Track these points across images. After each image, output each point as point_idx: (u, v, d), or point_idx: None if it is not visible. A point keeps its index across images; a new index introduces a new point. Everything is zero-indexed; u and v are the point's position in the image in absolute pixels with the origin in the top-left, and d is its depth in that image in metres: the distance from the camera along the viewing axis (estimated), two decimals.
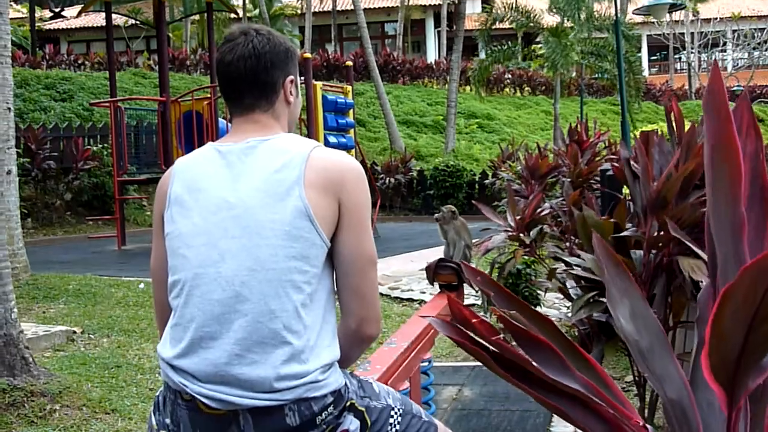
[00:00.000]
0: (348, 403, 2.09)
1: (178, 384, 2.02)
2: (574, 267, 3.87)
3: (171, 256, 2.11)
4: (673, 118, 4.14)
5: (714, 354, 1.16)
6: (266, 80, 2.18)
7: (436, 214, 5.22)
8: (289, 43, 2.27)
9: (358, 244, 2.10)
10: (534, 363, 1.34)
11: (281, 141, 2.13)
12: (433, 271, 4.08)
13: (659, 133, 4.25)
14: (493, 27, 24.26)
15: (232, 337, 1.98)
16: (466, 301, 4.92)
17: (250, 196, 2.04)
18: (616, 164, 4.54)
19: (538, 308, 7.38)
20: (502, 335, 1.37)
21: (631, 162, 3.99)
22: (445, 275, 4.09)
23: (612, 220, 3.83)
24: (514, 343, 1.40)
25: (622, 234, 3.73)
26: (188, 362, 2.01)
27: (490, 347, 1.39)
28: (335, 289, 2.16)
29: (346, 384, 2.11)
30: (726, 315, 1.14)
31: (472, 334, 1.44)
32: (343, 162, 2.13)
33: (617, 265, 1.48)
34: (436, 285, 4.21)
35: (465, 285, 4.15)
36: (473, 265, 4.48)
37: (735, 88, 35.20)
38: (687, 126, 3.93)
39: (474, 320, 1.41)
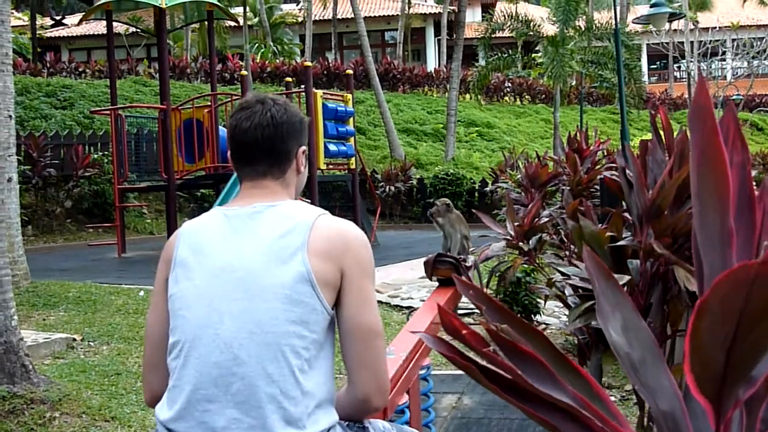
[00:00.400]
0: None
1: None
2: (572, 277, 3.88)
3: (172, 317, 2.10)
4: (660, 127, 4.14)
5: (697, 367, 1.15)
6: (282, 149, 2.20)
7: (431, 209, 5.20)
8: (302, 114, 2.30)
9: (359, 314, 2.09)
10: (523, 376, 1.34)
11: (287, 207, 2.14)
12: (432, 266, 4.07)
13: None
14: (493, 36, 24.28)
15: (230, 401, 1.97)
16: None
17: (253, 260, 2.04)
18: (607, 174, 4.55)
19: (537, 316, 7.39)
20: (492, 347, 1.37)
21: (627, 171, 4.00)
22: (444, 270, 4.07)
23: (607, 231, 3.84)
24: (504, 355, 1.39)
25: (618, 244, 3.74)
26: (184, 426, 2.00)
27: (480, 361, 1.38)
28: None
29: None
30: (703, 329, 1.13)
31: (462, 347, 1.44)
32: (348, 230, 2.14)
33: (608, 277, 1.47)
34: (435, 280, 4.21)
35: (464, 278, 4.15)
36: (471, 260, 4.50)
37: (734, 97, 35.26)
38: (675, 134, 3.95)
39: (465, 331, 1.40)
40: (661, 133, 4.06)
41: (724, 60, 43.34)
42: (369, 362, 2.09)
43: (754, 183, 1.36)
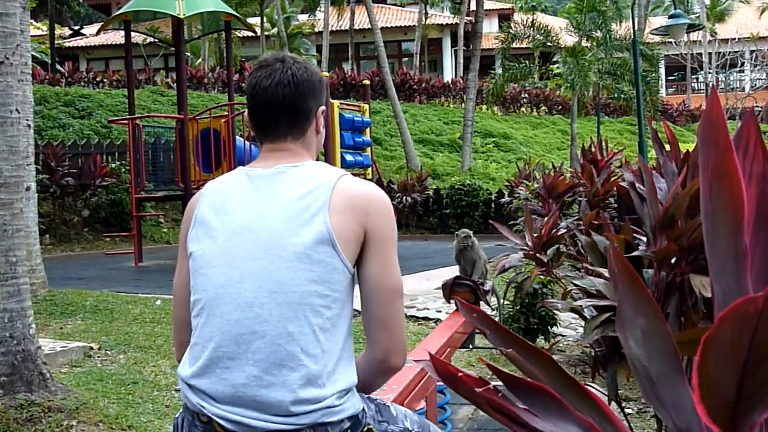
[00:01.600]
0: (365, 429, 2.09)
1: (195, 405, 2.03)
2: (588, 288, 3.87)
3: (193, 275, 2.11)
4: (665, 141, 4.13)
5: (707, 399, 1.11)
6: (302, 108, 2.19)
7: (460, 244, 5.12)
8: (321, 74, 2.30)
9: (383, 274, 2.10)
10: (529, 409, 1.29)
11: (310, 168, 2.14)
12: (450, 289, 4.09)
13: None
14: (510, 46, 24.27)
15: (250, 358, 1.98)
16: (483, 306, 4.91)
17: (275, 220, 2.04)
18: (622, 185, 4.54)
19: (554, 328, 7.36)
20: (491, 385, 1.34)
21: (636, 184, 3.99)
22: (462, 293, 4.09)
23: (617, 239, 3.83)
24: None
25: (633, 254, 3.73)
26: (206, 382, 2.02)
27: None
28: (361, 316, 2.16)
29: (363, 409, 2.10)
30: (710, 363, 1.10)
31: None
32: (371, 191, 2.15)
33: (633, 280, 1.34)
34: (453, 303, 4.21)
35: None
36: (489, 284, 4.49)
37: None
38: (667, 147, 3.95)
39: (459, 375, 1.35)
40: (667, 146, 4.06)
41: (743, 71, 43.20)
42: (390, 322, 2.11)
43: None
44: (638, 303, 1.33)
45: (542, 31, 23.69)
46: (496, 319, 7.23)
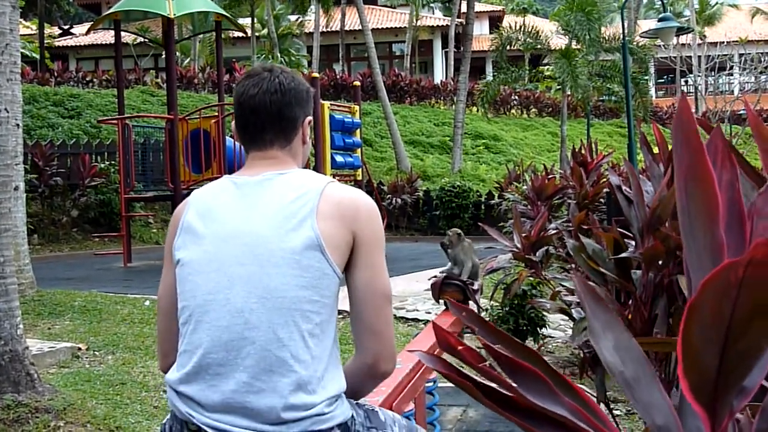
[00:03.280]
0: None
1: (184, 414, 2.01)
2: (576, 290, 3.88)
3: (181, 282, 2.10)
4: (654, 143, 4.15)
5: (690, 373, 1.17)
6: (289, 116, 2.20)
7: (443, 240, 5.18)
8: (308, 84, 2.30)
9: (371, 280, 2.11)
10: (520, 390, 1.34)
11: (297, 175, 2.15)
12: (439, 289, 4.09)
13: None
14: (505, 50, 24.31)
15: (240, 365, 1.97)
16: (471, 305, 4.92)
17: (263, 225, 2.05)
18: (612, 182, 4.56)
19: (543, 329, 7.37)
20: (488, 362, 1.38)
21: (623, 187, 4.02)
22: (451, 292, 4.09)
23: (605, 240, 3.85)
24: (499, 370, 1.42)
25: (621, 256, 3.74)
26: (194, 389, 2.01)
27: (477, 378, 1.40)
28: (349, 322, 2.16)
29: (352, 416, 2.09)
30: (694, 333, 1.14)
31: (458, 365, 1.45)
32: (358, 197, 2.15)
33: (597, 300, 1.50)
34: (442, 303, 4.22)
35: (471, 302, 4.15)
36: (478, 284, 4.50)
37: (741, 112, 35.20)
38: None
39: (460, 347, 1.42)
40: (655, 148, 4.07)
41: (732, 75, 43.36)
42: (380, 328, 2.11)
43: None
44: (605, 320, 1.47)
45: (532, 34, 23.74)
46: (489, 313, 7.23)
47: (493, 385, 1.37)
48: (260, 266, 2.01)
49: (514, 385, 1.35)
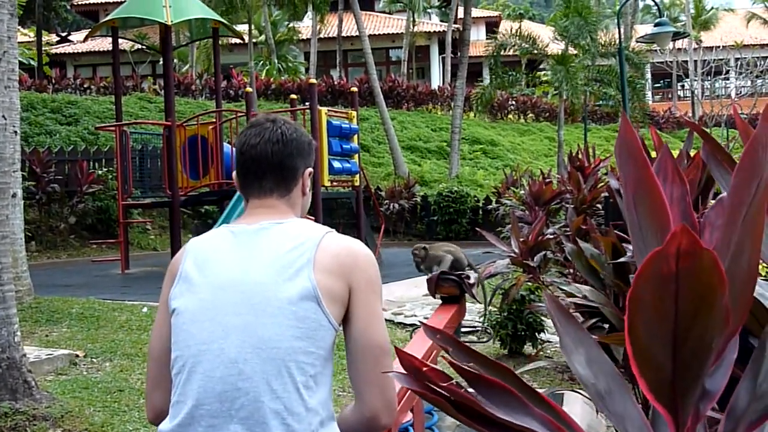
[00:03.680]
0: None
1: None
2: (575, 295, 3.88)
3: (175, 332, 2.08)
4: (652, 148, 4.15)
5: (645, 370, 1.19)
6: (290, 165, 2.21)
7: (415, 264, 5.22)
8: (310, 137, 2.31)
9: (367, 331, 2.08)
10: (489, 405, 1.37)
11: (294, 225, 2.14)
12: (435, 284, 4.08)
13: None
14: (500, 55, 24.34)
15: (234, 416, 1.94)
16: (470, 309, 4.90)
17: (259, 274, 2.03)
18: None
19: (542, 334, 7.36)
20: (454, 380, 1.40)
21: (621, 190, 4.01)
22: (447, 287, 4.08)
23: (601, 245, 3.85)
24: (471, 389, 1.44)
25: (619, 260, 3.74)
26: None
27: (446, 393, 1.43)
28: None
29: None
30: (640, 329, 1.17)
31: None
32: (355, 248, 2.14)
33: (568, 317, 1.55)
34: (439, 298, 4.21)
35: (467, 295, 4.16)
36: (474, 277, 4.49)
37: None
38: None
39: (425, 369, 1.45)
40: (653, 153, 4.07)
41: (728, 79, 43.41)
42: (377, 380, 2.07)
43: None
44: (576, 336, 1.52)
45: (528, 40, 23.77)
46: (486, 317, 7.22)
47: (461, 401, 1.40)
48: (255, 316, 1.99)
49: (484, 400, 1.38)
